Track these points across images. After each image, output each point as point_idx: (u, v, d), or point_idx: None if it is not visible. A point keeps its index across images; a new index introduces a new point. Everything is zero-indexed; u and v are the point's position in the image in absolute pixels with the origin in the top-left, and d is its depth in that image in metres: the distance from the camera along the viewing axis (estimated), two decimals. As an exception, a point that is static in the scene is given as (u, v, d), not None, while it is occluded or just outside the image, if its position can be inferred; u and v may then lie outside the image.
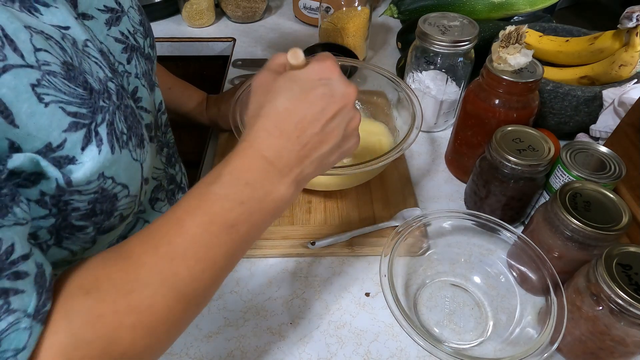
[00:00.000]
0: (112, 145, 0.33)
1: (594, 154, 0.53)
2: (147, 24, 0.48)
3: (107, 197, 0.35)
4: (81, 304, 0.29)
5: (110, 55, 0.40)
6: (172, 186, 0.54)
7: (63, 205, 0.32)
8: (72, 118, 0.31)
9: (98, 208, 0.35)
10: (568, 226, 0.44)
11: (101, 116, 0.33)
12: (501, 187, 0.54)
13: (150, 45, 0.48)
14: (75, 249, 0.37)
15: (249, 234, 0.35)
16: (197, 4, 0.97)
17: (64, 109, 0.30)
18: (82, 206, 0.33)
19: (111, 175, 0.34)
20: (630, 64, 0.63)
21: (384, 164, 0.52)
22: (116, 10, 0.42)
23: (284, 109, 0.34)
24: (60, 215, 0.33)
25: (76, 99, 0.31)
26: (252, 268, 0.55)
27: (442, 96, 0.70)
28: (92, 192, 0.33)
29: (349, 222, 0.59)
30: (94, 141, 0.32)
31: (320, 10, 0.85)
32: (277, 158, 0.34)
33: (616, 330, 0.39)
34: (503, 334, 0.48)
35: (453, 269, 0.54)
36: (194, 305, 0.34)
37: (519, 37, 0.53)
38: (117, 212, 0.37)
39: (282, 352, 0.47)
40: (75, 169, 0.31)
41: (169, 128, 0.55)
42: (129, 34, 0.43)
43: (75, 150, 0.31)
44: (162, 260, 0.31)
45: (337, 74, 0.35)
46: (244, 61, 0.90)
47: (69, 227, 0.34)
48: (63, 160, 0.31)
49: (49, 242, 0.34)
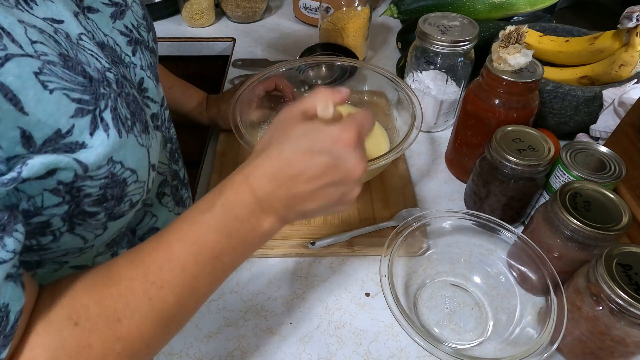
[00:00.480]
0: (118, 130, 0.34)
1: (594, 154, 0.53)
2: (149, 19, 0.49)
3: (117, 182, 0.35)
4: (70, 335, 0.29)
5: (117, 46, 0.41)
6: (176, 182, 0.55)
7: (76, 192, 0.33)
8: (77, 104, 0.31)
9: (109, 193, 0.35)
10: (568, 226, 0.44)
11: (104, 102, 0.33)
12: (501, 187, 0.54)
13: (154, 40, 0.49)
14: (88, 237, 0.37)
15: (230, 265, 0.36)
16: (197, 4, 0.97)
17: (69, 96, 0.30)
18: (94, 192, 0.34)
19: (120, 160, 0.34)
20: (630, 64, 0.63)
21: (384, 164, 0.52)
22: (120, 4, 0.43)
23: (286, 158, 0.34)
24: (73, 202, 0.33)
25: (78, 86, 0.31)
26: (252, 268, 0.55)
27: (442, 96, 0.70)
28: (103, 177, 0.34)
29: (349, 222, 0.59)
30: (101, 126, 0.32)
31: (320, 10, 0.85)
32: (265, 200, 0.35)
33: (616, 330, 0.39)
34: (503, 334, 0.48)
35: (453, 269, 0.54)
36: (175, 329, 0.36)
37: (519, 37, 0.53)
38: (127, 198, 0.38)
39: (282, 352, 0.47)
40: (88, 153, 0.32)
41: (171, 124, 0.56)
42: (133, 28, 0.44)
43: (84, 136, 0.31)
44: (151, 287, 0.32)
45: (352, 147, 0.35)
46: (244, 61, 0.90)
47: (82, 214, 0.35)
48: (74, 146, 0.31)
49: (62, 230, 0.34)
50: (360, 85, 0.71)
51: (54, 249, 0.36)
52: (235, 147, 0.68)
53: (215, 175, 0.64)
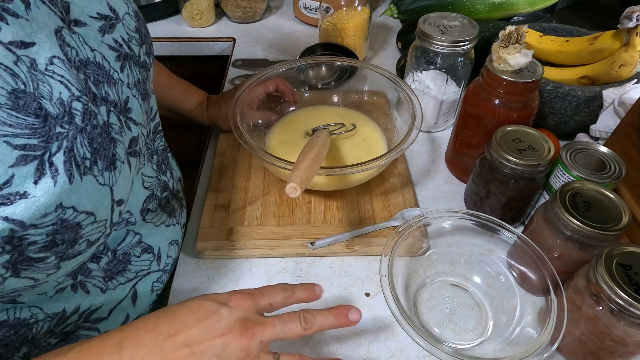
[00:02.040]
0: (70, 174, 0.31)
1: (594, 154, 0.53)
2: (144, 30, 0.47)
3: (68, 227, 0.33)
4: None
5: (105, 61, 0.39)
6: (166, 193, 0.53)
7: (17, 242, 0.30)
8: (20, 151, 0.29)
9: (59, 238, 0.33)
10: (568, 226, 0.44)
11: (57, 144, 0.31)
12: (501, 187, 0.54)
13: (147, 53, 0.47)
14: (38, 277, 0.35)
15: None
16: (197, 4, 0.97)
17: (10, 143, 0.28)
18: (40, 239, 0.31)
19: (72, 205, 0.32)
20: (630, 64, 0.63)
21: (384, 163, 0.52)
22: (110, 17, 0.41)
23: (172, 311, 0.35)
24: (15, 251, 0.31)
25: (25, 130, 0.29)
26: (252, 268, 0.55)
27: (442, 96, 0.70)
28: (50, 224, 0.31)
29: (349, 222, 0.59)
30: (48, 172, 0.30)
31: (320, 10, 0.85)
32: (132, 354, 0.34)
33: (616, 330, 0.39)
34: (503, 334, 0.48)
35: (453, 269, 0.54)
36: None
37: (519, 37, 0.53)
38: (83, 240, 0.35)
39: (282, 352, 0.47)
40: (27, 204, 0.29)
41: (157, 135, 0.53)
42: (123, 42, 0.42)
43: (27, 185, 0.29)
44: None
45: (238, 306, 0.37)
46: (244, 61, 0.90)
47: (27, 260, 0.32)
48: (13, 197, 0.29)
49: (6, 276, 0.32)
50: (360, 85, 0.71)
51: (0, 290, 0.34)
52: (235, 147, 0.68)
53: (215, 175, 0.64)
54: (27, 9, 0.31)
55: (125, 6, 0.44)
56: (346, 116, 0.69)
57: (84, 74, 0.36)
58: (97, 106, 0.36)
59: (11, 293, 0.36)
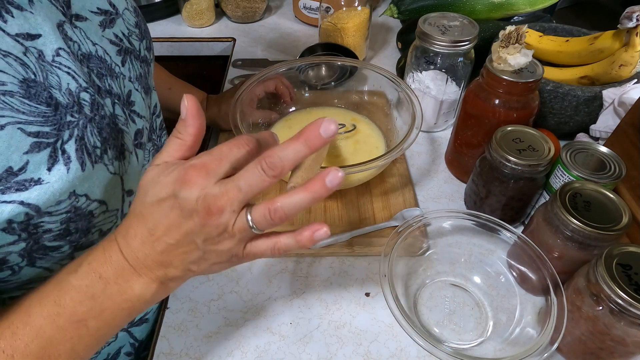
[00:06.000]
0: (82, 162, 0.32)
1: (594, 154, 0.53)
2: (144, 26, 0.47)
3: (81, 215, 0.33)
4: None
5: (107, 55, 0.39)
6: None
7: (33, 229, 0.31)
8: (34, 138, 0.29)
9: (72, 227, 0.33)
10: (568, 226, 0.44)
11: (68, 132, 0.31)
12: (501, 187, 0.54)
13: (147, 48, 0.47)
14: (53, 267, 0.35)
15: (100, 331, 0.33)
16: (197, 4, 0.97)
17: (24, 130, 0.29)
18: (55, 227, 0.32)
19: (84, 193, 0.32)
20: (630, 64, 0.63)
21: (384, 163, 0.52)
22: (110, 12, 0.41)
23: (139, 213, 0.31)
24: (31, 239, 0.31)
25: (38, 118, 0.29)
26: (252, 268, 0.55)
27: (442, 96, 0.70)
28: (64, 212, 0.32)
29: (349, 222, 0.59)
30: (61, 159, 0.31)
31: (320, 10, 0.85)
32: (134, 258, 0.31)
33: (616, 330, 0.39)
34: (503, 334, 0.48)
35: (453, 269, 0.54)
36: None
37: (519, 37, 0.53)
38: (95, 229, 0.36)
39: (282, 352, 0.47)
40: (42, 190, 0.30)
41: (164, 132, 0.53)
42: (123, 36, 0.42)
43: (41, 171, 0.30)
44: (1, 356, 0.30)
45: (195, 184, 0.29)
46: (244, 61, 0.90)
47: (42, 249, 0.33)
48: (27, 184, 0.29)
49: (21, 264, 0.33)
50: (360, 85, 0.71)
51: (15, 281, 0.34)
52: (235, 147, 0.68)
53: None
54: (30, 2, 0.32)
55: (125, 2, 0.44)
56: (346, 116, 0.69)
57: (87, 67, 0.36)
58: (103, 98, 0.37)
59: (26, 284, 0.36)
